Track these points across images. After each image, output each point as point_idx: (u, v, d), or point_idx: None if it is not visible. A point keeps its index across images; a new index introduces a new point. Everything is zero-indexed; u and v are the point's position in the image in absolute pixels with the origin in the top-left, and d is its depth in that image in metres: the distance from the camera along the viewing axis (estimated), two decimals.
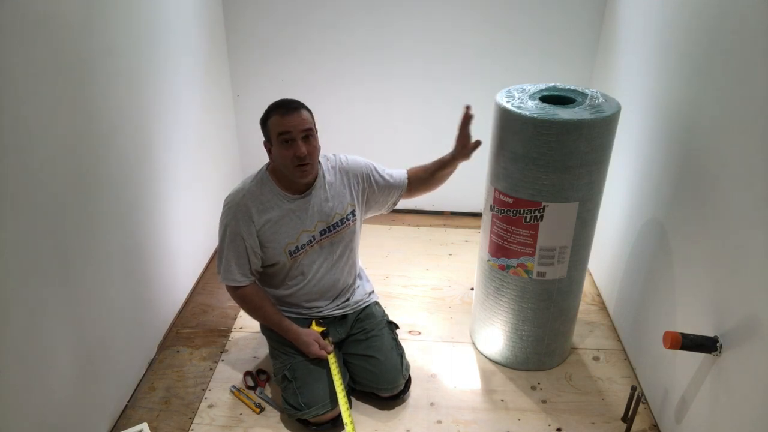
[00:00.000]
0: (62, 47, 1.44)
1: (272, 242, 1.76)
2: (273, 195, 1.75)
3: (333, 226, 1.82)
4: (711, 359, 1.47)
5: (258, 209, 1.74)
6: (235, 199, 1.74)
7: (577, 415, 1.86)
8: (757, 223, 1.30)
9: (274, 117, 1.66)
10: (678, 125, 1.74)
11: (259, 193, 1.75)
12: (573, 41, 2.61)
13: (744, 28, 1.40)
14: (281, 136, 1.64)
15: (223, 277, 1.79)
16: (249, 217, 1.73)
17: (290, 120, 1.64)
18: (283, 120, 1.64)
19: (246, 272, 1.78)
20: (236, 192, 1.76)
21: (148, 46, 1.92)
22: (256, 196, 1.74)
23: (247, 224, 1.73)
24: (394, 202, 1.95)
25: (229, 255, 1.76)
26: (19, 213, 1.31)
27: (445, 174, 1.91)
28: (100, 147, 1.64)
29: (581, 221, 1.77)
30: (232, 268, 1.76)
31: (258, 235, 1.75)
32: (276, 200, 1.75)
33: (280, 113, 1.65)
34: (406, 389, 1.89)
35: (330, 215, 1.81)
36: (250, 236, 1.74)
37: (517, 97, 1.76)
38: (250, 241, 1.74)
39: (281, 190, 1.76)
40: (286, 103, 1.67)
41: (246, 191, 1.74)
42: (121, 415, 1.82)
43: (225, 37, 2.66)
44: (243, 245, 1.74)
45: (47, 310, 1.43)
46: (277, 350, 1.86)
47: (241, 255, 1.75)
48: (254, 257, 1.77)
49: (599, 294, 2.43)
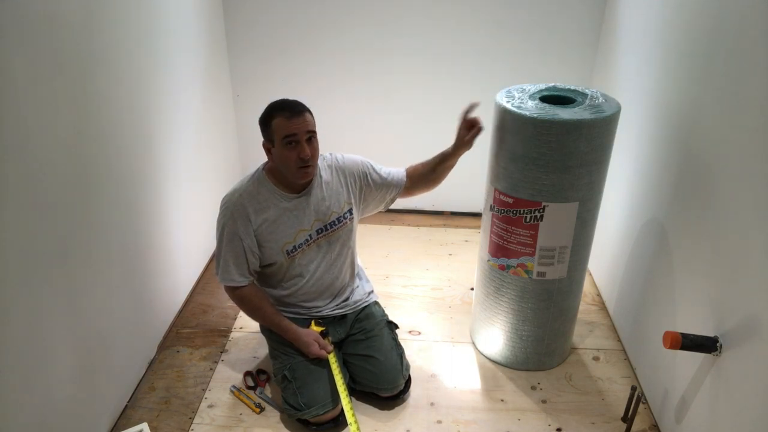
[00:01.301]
0: (62, 47, 1.44)
1: (269, 242, 1.76)
2: (270, 194, 1.75)
3: (330, 225, 1.82)
4: (711, 359, 1.47)
5: (255, 209, 1.74)
6: (231, 199, 1.74)
7: (577, 415, 1.86)
8: (757, 223, 1.30)
9: (279, 119, 1.65)
10: (678, 125, 1.74)
11: (256, 193, 1.75)
12: (573, 41, 2.61)
13: (744, 28, 1.40)
14: (287, 139, 1.64)
15: (221, 277, 1.79)
16: (246, 217, 1.73)
17: (296, 123, 1.64)
18: (289, 123, 1.64)
19: (244, 272, 1.78)
20: (233, 192, 1.76)
21: (148, 46, 1.92)
22: (253, 196, 1.74)
23: (245, 224, 1.73)
24: (392, 199, 1.94)
25: (227, 255, 1.76)
26: (19, 213, 1.31)
27: (447, 167, 1.88)
28: (100, 147, 1.64)
29: (581, 221, 1.77)
30: (231, 268, 1.76)
31: (255, 235, 1.75)
32: (273, 199, 1.75)
33: (286, 116, 1.65)
34: (406, 389, 1.89)
35: (327, 214, 1.81)
36: (248, 236, 1.74)
37: (517, 97, 1.76)
38: (248, 241, 1.74)
39: (278, 190, 1.76)
40: (290, 106, 1.67)
41: (243, 191, 1.74)
42: (121, 415, 1.82)
43: (225, 37, 2.66)
44: (241, 245, 1.74)
45: (47, 309, 1.43)
46: (276, 350, 1.86)
47: (239, 255, 1.75)
48: (252, 257, 1.77)
49: (599, 294, 2.43)
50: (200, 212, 2.43)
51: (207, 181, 2.50)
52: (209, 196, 2.51)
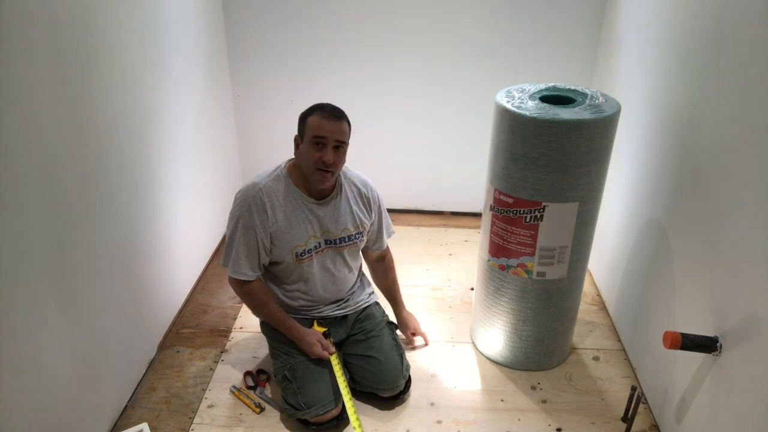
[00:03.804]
0: (62, 47, 1.44)
1: (281, 241, 1.76)
2: (289, 194, 1.75)
3: (340, 240, 1.83)
4: (711, 359, 1.47)
5: (272, 205, 1.73)
6: (249, 192, 1.73)
7: (577, 415, 1.86)
8: (757, 223, 1.30)
9: (316, 116, 1.66)
10: (678, 125, 1.74)
11: (276, 190, 1.74)
12: (573, 41, 2.61)
13: (744, 28, 1.40)
14: (316, 138, 1.65)
15: (231, 270, 1.77)
16: (264, 211, 1.72)
17: (330, 126, 1.65)
18: (322, 122, 1.65)
19: (255, 266, 1.77)
20: (251, 186, 1.74)
21: (148, 46, 1.92)
22: (272, 192, 1.73)
23: (262, 218, 1.72)
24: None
25: (239, 248, 1.74)
26: (19, 213, 1.30)
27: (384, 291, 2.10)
28: (100, 147, 1.64)
29: (581, 221, 1.77)
30: (242, 261, 1.75)
31: (270, 231, 1.74)
32: (291, 199, 1.75)
33: (323, 115, 1.66)
34: (406, 389, 1.89)
35: (340, 229, 1.82)
36: (263, 230, 1.73)
37: (517, 97, 1.76)
38: (262, 235, 1.73)
39: (299, 191, 1.76)
40: (331, 108, 1.68)
41: (262, 186, 1.73)
42: (121, 415, 1.82)
43: (225, 37, 2.66)
44: (255, 238, 1.73)
45: (47, 310, 1.43)
46: (277, 350, 1.86)
47: (252, 248, 1.74)
48: (264, 252, 1.76)
49: (599, 294, 2.43)
50: (200, 212, 2.43)
51: (207, 180, 2.50)
52: (209, 195, 2.51)
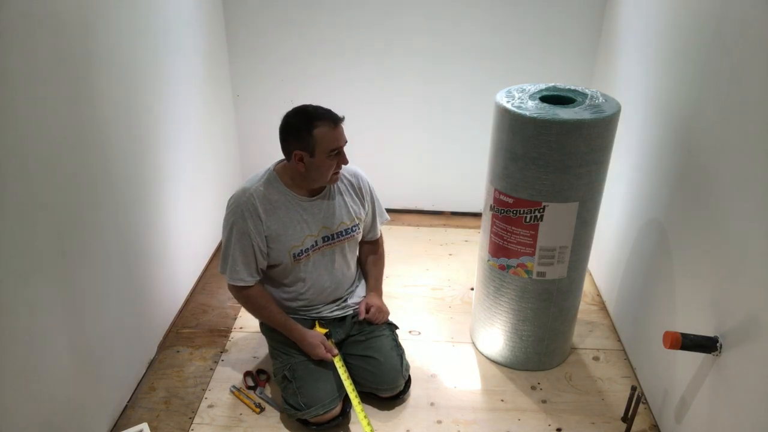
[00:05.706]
0: (62, 47, 1.44)
1: (277, 243, 1.76)
2: (281, 195, 1.75)
3: (336, 234, 1.83)
4: (711, 359, 1.47)
5: (265, 209, 1.73)
6: (241, 198, 1.73)
7: (577, 415, 1.86)
8: (757, 223, 1.30)
9: (324, 129, 1.65)
10: (678, 125, 1.74)
11: (267, 193, 1.74)
12: (573, 41, 2.61)
13: (744, 27, 1.40)
14: (335, 151, 1.67)
15: (229, 277, 1.77)
16: (257, 216, 1.72)
17: (339, 134, 1.68)
18: (334, 134, 1.66)
19: (252, 272, 1.77)
20: (242, 191, 1.74)
21: (148, 46, 1.92)
22: (264, 196, 1.73)
23: (255, 223, 1.72)
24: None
25: (235, 254, 1.74)
26: (19, 213, 1.31)
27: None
28: (100, 147, 1.64)
29: (581, 221, 1.77)
30: (239, 267, 1.75)
31: (266, 235, 1.74)
32: (284, 201, 1.75)
33: (329, 125, 1.65)
34: (406, 389, 1.89)
35: (335, 223, 1.82)
36: (258, 234, 1.73)
37: (517, 97, 1.76)
38: (258, 240, 1.73)
39: (291, 192, 1.76)
40: (330, 116, 1.68)
41: (253, 191, 1.73)
42: (121, 415, 1.82)
43: (225, 37, 2.66)
44: (250, 244, 1.73)
45: (47, 309, 1.43)
46: (276, 350, 1.86)
47: (248, 254, 1.74)
48: (261, 256, 1.76)
49: (599, 294, 2.43)
50: (200, 212, 2.43)
51: (207, 180, 2.50)
52: (209, 195, 2.51)
